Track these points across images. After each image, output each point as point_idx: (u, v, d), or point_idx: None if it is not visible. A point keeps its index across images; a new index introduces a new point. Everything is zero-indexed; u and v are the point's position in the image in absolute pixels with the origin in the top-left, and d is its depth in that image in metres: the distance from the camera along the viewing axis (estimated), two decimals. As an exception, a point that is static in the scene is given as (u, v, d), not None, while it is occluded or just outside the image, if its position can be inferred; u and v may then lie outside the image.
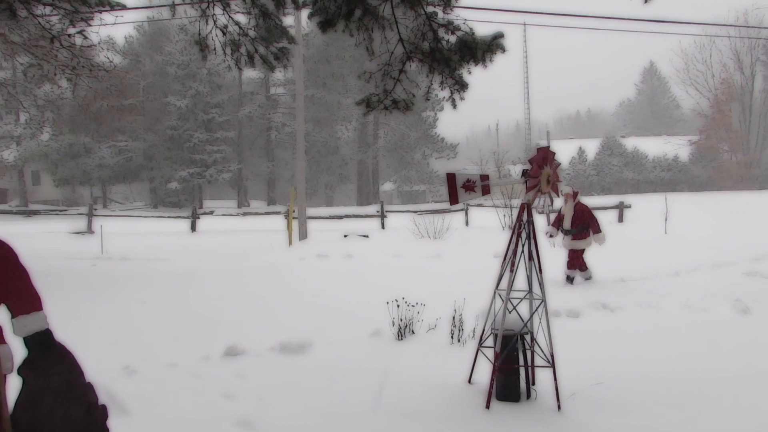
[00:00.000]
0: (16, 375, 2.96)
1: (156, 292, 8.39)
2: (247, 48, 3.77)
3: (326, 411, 3.86)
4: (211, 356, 5.03)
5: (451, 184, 4.23)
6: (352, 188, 51.63)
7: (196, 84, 38.85)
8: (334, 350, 5.27)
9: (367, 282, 8.99)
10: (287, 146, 44.16)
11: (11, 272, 2.93)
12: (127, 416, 3.62)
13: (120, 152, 38.24)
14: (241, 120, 42.49)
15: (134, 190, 54.26)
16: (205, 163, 39.13)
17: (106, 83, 11.36)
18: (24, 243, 3.10)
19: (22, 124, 30.97)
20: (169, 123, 38.51)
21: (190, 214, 21.10)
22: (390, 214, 21.61)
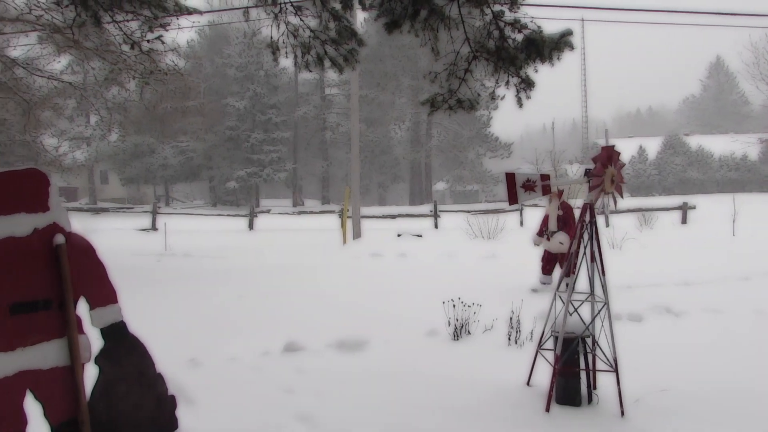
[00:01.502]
0: (93, 364, 3.13)
1: (217, 288, 8.66)
2: (317, 50, 3.85)
3: (384, 409, 3.89)
4: (270, 351, 5.15)
5: (510, 183, 4.19)
6: (404, 187, 51.70)
7: (254, 85, 39.84)
8: (390, 348, 5.30)
9: (421, 281, 8.99)
10: (341, 146, 44.65)
11: (90, 267, 3.09)
12: (193, 406, 3.76)
13: (182, 152, 39.65)
14: (296, 120, 43.26)
15: (194, 188, 56.09)
16: (262, 162, 40.06)
17: (171, 86, 11.80)
18: (94, 239, 3.27)
19: (92, 126, 32.59)
20: (228, 124, 39.65)
21: (248, 212, 21.64)
22: (443, 214, 21.52)
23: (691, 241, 13.95)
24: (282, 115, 41.88)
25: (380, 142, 44.07)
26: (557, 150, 21.85)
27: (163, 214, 21.99)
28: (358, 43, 3.82)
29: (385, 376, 4.55)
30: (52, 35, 10.52)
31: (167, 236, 14.84)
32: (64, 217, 3.06)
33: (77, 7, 3.34)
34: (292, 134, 43.36)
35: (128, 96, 15.56)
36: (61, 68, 17.46)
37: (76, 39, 10.29)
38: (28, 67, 11.62)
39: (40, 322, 2.90)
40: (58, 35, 10.44)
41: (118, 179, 41.35)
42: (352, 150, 17.28)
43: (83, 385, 3.01)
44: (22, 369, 2.84)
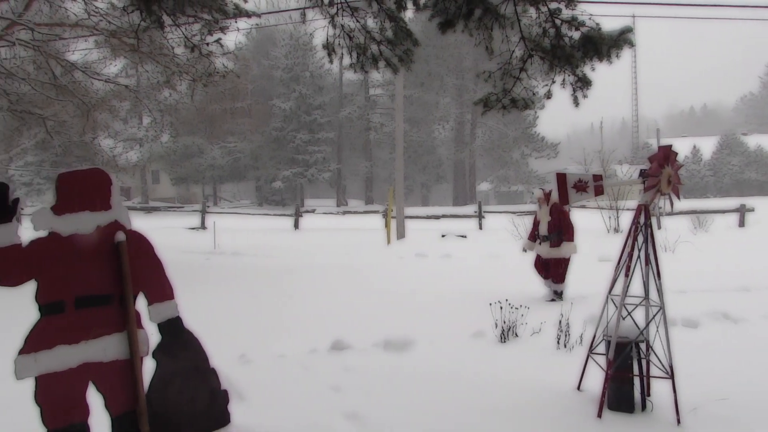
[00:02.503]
0: (151, 358, 3.23)
1: (264, 286, 8.83)
2: (372, 51, 3.88)
3: (431, 410, 3.88)
4: (318, 349, 5.21)
5: (561, 184, 4.11)
6: (447, 188, 51.45)
7: (299, 87, 40.40)
8: (436, 349, 5.29)
9: (466, 282, 8.93)
10: (385, 146, 44.77)
11: (149, 263, 3.20)
12: (244, 402, 3.84)
13: (229, 153, 40.54)
14: (341, 121, 43.62)
15: (241, 188, 57.26)
16: (307, 162, 40.56)
17: (221, 88, 12.09)
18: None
19: (145, 127, 33.68)
20: (274, 125, 40.31)
21: (294, 212, 21.94)
22: (487, 215, 21.31)
23: (750, 244, 13.38)
24: (327, 116, 42.31)
25: (424, 142, 43.97)
26: (606, 150, 21.28)
27: (211, 213, 22.53)
28: (413, 44, 3.82)
29: (432, 376, 4.54)
30: (109, 40, 10.92)
31: (216, 235, 15.20)
32: (124, 215, 3.18)
33: (142, 12, 3.46)
34: (337, 134, 43.75)
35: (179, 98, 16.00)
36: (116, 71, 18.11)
37: (139, 43, 10.66)
38: (86, 71, 12.09)
39: (102, 316, 3.02)
40: (114, 39, 10.84)
41: (169, 179, 42.60)
42: (397, 150, 17.30)
43: (141, 377, 3.11)
44: (86, 361, 2.95)
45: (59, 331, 2.90)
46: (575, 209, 19.70)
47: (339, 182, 45.14)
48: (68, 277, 2.94)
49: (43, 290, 2.91)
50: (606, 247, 12.54)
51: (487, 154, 44.51)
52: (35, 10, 11.64)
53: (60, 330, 2.91)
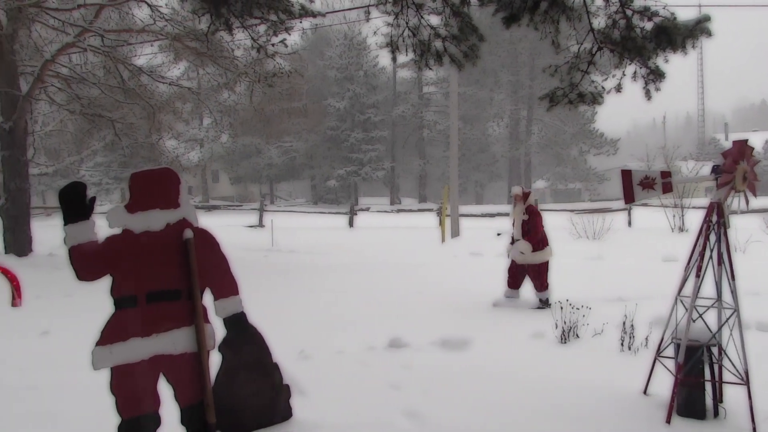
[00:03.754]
0: (218, 352, 3.33)
1: (321, 283, 8.95)
2: (436, 48, 3.87)
3: (491, 410, 3.84)
4: (375, 347, 5.24)
5: (626, 181, 3.98)
6: (502, 186, 50.73)
7: (353, 86, 40.75)
8: (494, 349, 5.22)
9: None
10: (438, 144, 44.57)
11: (215, 260, 3.30)
12: (305, 397, 3.90)
13: (285, 152, 41.33)
14: (394, 119, 43.71)
15: (296, 187, 58.27)
16: (361, 161, 40.87)
17: (279, 88, 12.33)
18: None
19: (205, 128, 34.76)
20: (328, 124, 40.82)
21: (348, 210, 22.15)
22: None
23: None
24: (380, 115, 42.50)
25: (478, 139, 43.52)
26: (670, 146, 20.45)
27: (268, 211, 23.03)
28: (478, 39, 3.78)
29: (490, 376, 4.48)
30: (173, 43, 11.31)
31: (273, 233, 15.52)
32: (192, 213, 3.29)
33: (212, 15, 3.58)
34: (390, 133, 43.87)
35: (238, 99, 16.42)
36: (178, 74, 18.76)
37: (207, 45, 11.01)
38: (152, 75, 12.58)
39: (172, 310, 3.14)
40: (178, 43, 11.23)
41: (228, 178, 43.84)
42: (451, 148, 17.19)
43: (208, 370, 3.21)
44: (157, 353, 3.08)
45: (132, 324, 3.04)
46: (639, 208, 19.06)
47: (392, 180, 45.24)
48: (140, 272, 3.07)
49: (118, 285, 3.05)
50: (670, 246, 12.08)
51: (543, 151, 43.59)
52: (104, 18, 12.19)
53: (133, 323, 3.04)
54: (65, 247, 2.99)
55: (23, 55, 11.66)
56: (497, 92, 42.79)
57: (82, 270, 2.98)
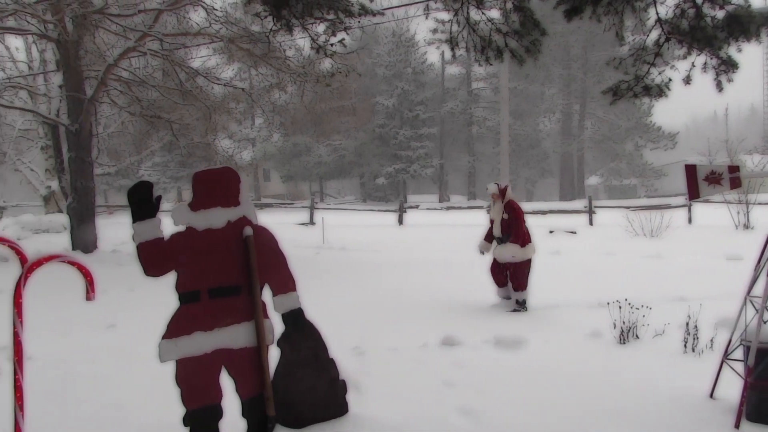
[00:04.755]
0: (276, 347, 3.40)
1: (372, 280, 9.00)
2: (497, 44, 3.82)
3: (547, 409, 3.78)
4: (428, 344, 5.24)
5: (691, 176, 3.84)
6: (553, 182, 49.70)
7: (402, 83, 40.73)
8: (550, 348, 5.14)
9: (577, 280, 8.60)
10: (488, 140, 44.05)
11: (274, 257, 3.36)
12: (360, 393, 3.94)
13: (335, 150, 41.74)
14: (443, 116, 43.46)
15: (345, 185, 58.78)
16: (410, 158, 40.83)
17: (329, 87, 12.46)
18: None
19: (257, 128, 35.50)
20: (377, 122, 40.96)
21: (398, 208, 22.18)
22: (598, 210, 20.35)
23: None
24: (429, 111, 42.34)
25: (528, 135, 42.78)
26: (733, 139, 19.55)
27: (319, 209, 23.31)
28: (540, 33, 3.71)
29: (546, 375, 4.41)
30: (228, 45, 11.60)
31: (324, 230, 15.71)
32: (251, 211, 3.36)
33: (274, 17, 3.66)
34: (439, 130, 43.64)
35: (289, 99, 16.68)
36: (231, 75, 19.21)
37: (247, 48, 11.27)
38: (207, 76, 12.93)
39: (233, 306, 3.21)
40: (232, 45, 11.51)
41: (279, 176, 44.63)
42: (501, 144, 16.99)
43: (268, 365, 3.28)
44: (219, 347, 3.16)
45: (196, 318, 3.13)
46: (700, 204, 18.32)
47: (441, 178, 45.01)
48: (203, 268, 3.16)
49: (182, 280, 3.16)
50: (734, 244, 11.57)
51: (597, 146, 42.43)
52: (162, 22, 12.60)
53: (196, 318, 3.13)
54: (133, 244, 3.10)
55: (88, 60, 12.19)
56: (548, 87, 41.91)
57: (149, 266, 3.10)
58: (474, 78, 44.71)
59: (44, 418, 3.44)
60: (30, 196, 27.42)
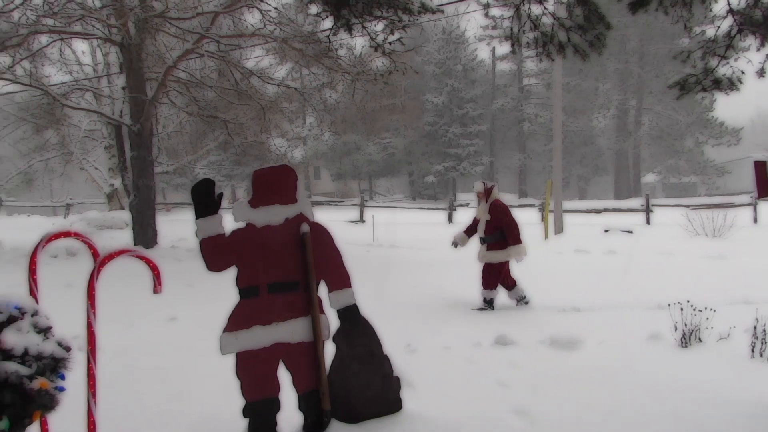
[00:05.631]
0: (332, 342, 3.45)
1: (423, 277, 9.00)
2: (559, 38, 3.76)
3: (605, 411, 3.69)
4: (481, 343, 5.20)
5: (760, 173, 3.69)
6: (607, 180, 48.33)
7: (451, 81, 40.48)
8: (606, 350, 5.01)
9: (635, 281, 8.34)
10: (539, 137, 43.25)
11: (330, 253, 3.41)
12: (413, 390, 3.95)
13: (384, 149, 41.86)
14: (493, 113, 42.95)
15: (394, 183, 58.84)
16: (459, 156, 40.55)
17: (380, 85, 12.51)
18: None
19: (308, 127, 35.98)
20: (426, 119, 40.82)
21: (447, 205, 22.07)
22: (656, 208, 19.69)
23: None
24: (479, 109, 41.91)
25: (582, 132, 41.71)
26: (804, 134, 18.49)
27: (369, 207, 23.45)
28: (605, 27, 3.62)
29: (604, 377, 4.31)
30: (282, 46, 11.80)
31: (375, 228, 15.79)
32: (308, 208, 3.43)
33: (334, 17, 3.71)
34: (489, 127, 43.14)
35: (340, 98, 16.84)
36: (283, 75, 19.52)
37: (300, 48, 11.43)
38: (261, 76, 13.19)
39: (290, 301, 3.29)
40: (285, 45, 11.71)
41: (329, 175, 45.12)
42: (554, 141, 16.63)
43: (323, 360, 3.34)
44: (277, 341, 3.24)
45: (255, 313, 3.22)
46: (766, 202, 17.46)
47: (491, 176, 44.48)
48: (262, 264, 3.25)
49: (242, 276, 3.25)
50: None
51: (654, 142, 40.98)
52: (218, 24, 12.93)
53: (256, 312, 3.22)
54: (196, 239, 3.21)
55: (149, 62, 12.64)
56: (603, 82, 40.74)
57: (211, 261, 3.20)
58: (525, 74, 43.97)
59: (109, 406, 3.60)
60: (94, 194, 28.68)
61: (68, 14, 10.91)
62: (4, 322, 2.43)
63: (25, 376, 2.33)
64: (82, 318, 3.25)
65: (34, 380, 2.35)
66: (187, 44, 11.90)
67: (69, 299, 4.52)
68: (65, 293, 6.66)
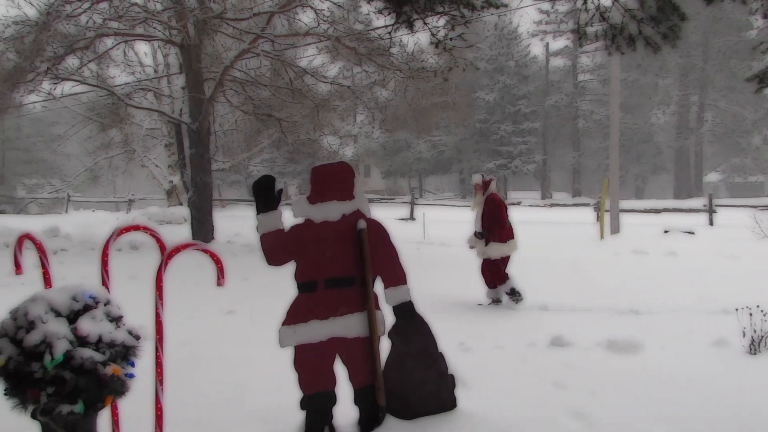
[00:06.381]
0: (387, 338, 3.47)
1: (473, 276, 8.90)
2: (629, 31, 3.65)
3: (668, 418, 3.58)
4: (536, 344, 5.12)
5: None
6: (667, 179, 46.61)
7: (503, 77, 39.90)
8: (668, 355, 4.85)
9: (697, 284, 8.02)
10: (594, 135, 42.09)
11: (386, 250, 3.43)
12: (467, 389, 3.92)
13: (434, 146, 41.70)
14: (547, 110, 42.09)
15: (444, 181, 58.54)
16: (511, 154, 39.95)
17: (431, 83, 12.48)
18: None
19: (359, 125, 36.23)
20: (477, 117, 40.38)
21: (498, 204, 21.78)
22: (719, 209, 18.86)
23: None
24: (531, 106, 41.14)
25: (639, 129, 40.33)
26: None
27: (419, 204, 23.43)
28: (680, 18, 3.50)
29: (665, 383, 4.17)
30: (335, 44, 11.93)
31: (425, 225, 15.76)
32: (365, 204, 3.45)
33: (396, 14, 3.73)
34: (542, 124, 42.31)
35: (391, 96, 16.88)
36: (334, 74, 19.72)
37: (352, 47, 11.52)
38: (315, 75, 13.37)
39: (347, 296, 3.32)
40: (339, 44, 11.82)
41: (379, 172, 45.30)
42: (611, 138, 16.17)
43: (379, 355, 3.36)
44: (333, 336, 3.29)
45: (313, 307, 3.27)
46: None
47: (544, 174, 43.64)
48: (320, 259, 3.30)
49: (301, 270, 3.30)
50: None
51: (718, 140, 39.25)
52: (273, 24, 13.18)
53: (313, 306, 3.27)
54: (257, 234, 3.29)
55: (206, 62, 13.01)
56: (663, 77, 39.27)
57: (271, 256, 3.27)
58: (580, 69, 42.89)
59: (173, 394, 3.73)
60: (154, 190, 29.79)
61: (132, 17, 11.36)
62: (80, 310, 2.56)
63: (99, 362, 2.45)
64: (146, 309, 3.39)
65: (107, 366, 2.47)
66: (243, 44, 12.17)
67: (134, 291, 4.71)
68: (130, 285, 6.95)
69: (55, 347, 2.38)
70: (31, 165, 37.07)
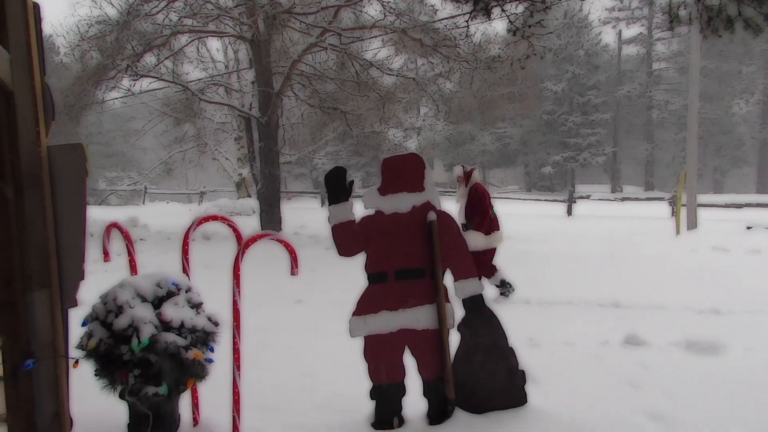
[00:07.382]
0: (457, 331, 3.45)
1: (542, 271, 8.73)
2: (728, 13, 3.46)
3: (752, 424, 3.38)
4: (609, 342, 4.95)
5: None
6: (748, 173, 43.95)
7: (572, 67, 38.68)
8: (754, 357, 4.58)
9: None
10: (669, 126, 40.21)
11: (456, 242, 3.40)
12: (539, 385, 3.84)
13: (499, 139, 41.02)
14: (618, 100, 40.51)
15: (508, 174, 57.51)
16: (579, 146, 38.75)
17: (498, 74, 12.26)
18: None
19: (422, 117, 36.12)
20: (544, 108, 39.37)
21: (567, 198, 21.23)
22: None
23: None
24: (602, 96, 39.67)
25: (719, 120, 38.17)
26: None
27: (483, 197, 23.03)
28: None
29: (750, 386, 3.95)
30: (401, 37, 11.91)
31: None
32: (435, 196, 3.43)
33: (474, 2, 3.69)
34: (612, 116, 40.75)
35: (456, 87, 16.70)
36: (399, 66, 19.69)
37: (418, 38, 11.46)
38: (380, 68, 13.41)
39: (416, 288, 3.32)
40: (405, 36, 11.80)
41: (442, 165, 45.02)
42: (689, 130, 15.37)
43: (448, 348, 3.35)
44: (403, 327, 3.30)
45: (382, 298, 3.29)
46: None
47: (614, 167, 42.08)
48: (390, 251, 3.31)
49: (371, 261, 3.33)
50: None
51: (809, 130, 36.63)
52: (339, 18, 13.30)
53: (383, 297, 3.29)
54: (328, 225, 3.33)
55: (275, 57, 13.29)
56: (747, 64, 36.95)
57: (342, 247, 3.31)
58: (655, 58, 41.00)
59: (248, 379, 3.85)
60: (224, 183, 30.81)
61: (205, 14, 11.75)
62: (164, 296, 2.68)
63: (181, 347, 2.56)
64: (220, 296, 3.51)
65: (189, 351, 2.57)
66: (310, 38, 12.36)
67: (207, 279, 4.88)
68: (204, 274, 7.22)
69: (141, 331, 2.51)
70: (111, 158, 39.13)
